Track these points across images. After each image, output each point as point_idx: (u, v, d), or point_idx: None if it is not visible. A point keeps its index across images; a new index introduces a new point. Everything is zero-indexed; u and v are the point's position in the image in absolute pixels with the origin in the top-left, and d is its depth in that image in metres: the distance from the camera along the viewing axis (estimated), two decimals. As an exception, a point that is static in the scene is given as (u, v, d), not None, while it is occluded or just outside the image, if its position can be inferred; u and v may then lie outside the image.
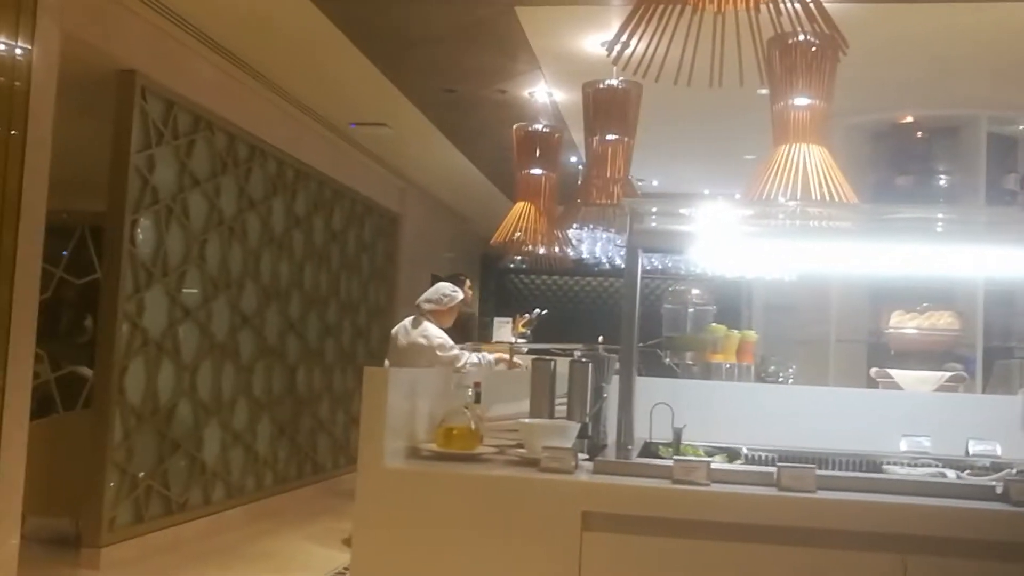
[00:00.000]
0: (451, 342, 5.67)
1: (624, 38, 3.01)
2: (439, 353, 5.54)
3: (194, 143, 5.80)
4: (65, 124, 4.13)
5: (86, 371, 8.02)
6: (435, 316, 5.77)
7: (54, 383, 6.36)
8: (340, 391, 8.34)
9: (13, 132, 3.47)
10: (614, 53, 3.07)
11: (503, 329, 6.58)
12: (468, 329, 7.99)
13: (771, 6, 2.82)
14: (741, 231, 2.76)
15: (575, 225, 5.96)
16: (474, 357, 5.62)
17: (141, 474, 5.34)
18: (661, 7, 2.89)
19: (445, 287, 5.91)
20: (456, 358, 5.52)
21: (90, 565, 4.96)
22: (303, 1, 4.99)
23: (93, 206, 5.63)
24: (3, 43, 3.51)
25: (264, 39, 5.67)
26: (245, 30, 5.52)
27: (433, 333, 5.65)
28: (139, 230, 5.28)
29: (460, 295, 5.94)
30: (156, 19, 5.18)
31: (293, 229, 7.29)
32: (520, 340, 6.35)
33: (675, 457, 2.58)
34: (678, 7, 2.86)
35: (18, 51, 3.55)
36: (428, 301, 5.80)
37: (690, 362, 3.75)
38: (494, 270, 14.05)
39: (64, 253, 6.80)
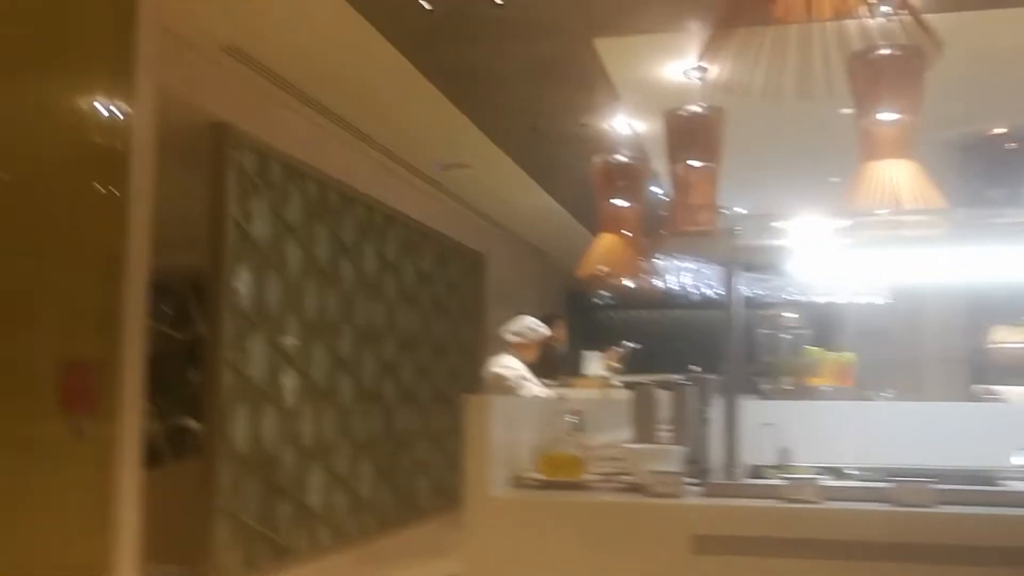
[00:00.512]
0: (521, 373, 5.70)
1: (705, 62, 3.03)
2: (506, 384, 5.61)
3: (287, 193, 5.98)
4: (159, 179, 4.30)
5: (192, 423, 8.28)
6: (517, 349, 5.83)
7: (162, 435, 6.57)
8: (436, 431, 8.42)
9: (115, 192, 3.60)
10: (697, 78, 3.08)
11: (593, 363, 6.58)
12: (554, 365, 8.00)
13: (861, 17, 2.80)
14: (836, 244, 2.73)
15: (662, 256, 5.93)
16: (536, 390, 5.65)
17: (247, 521, 5.46)
18: (742, 28, 2.90)
19: (529, 320, 5.96)
20: (517, 387, 5.56)
21: (203, 610, 5.08)
22: (388, 49, 5.12)
23: (192, 261, 5.83)
24: (102, 104, 3.67)
25: (351, 89, 5.83)
26: (333, 81, 5.69)
27: (508, 364, 5.71)
28: (239, 280, 5.45)
29: (543, 330, 5.98)
30: (246, 73, 5.37)
31: (384, 272, 7.43)
32: (611, 375, 6.34)
33: (786, 476, 2.55)
34: (759, 26, 2.86)
35: (116, 111, 3.70)
36: (511, 333, 5.86)
37: (789, 387, 3.70)
38: (579, 306, 14.04)
39: (165, 309, 7.04)
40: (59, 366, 3.21)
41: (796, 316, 3.96)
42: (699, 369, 3.04)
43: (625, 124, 6.45)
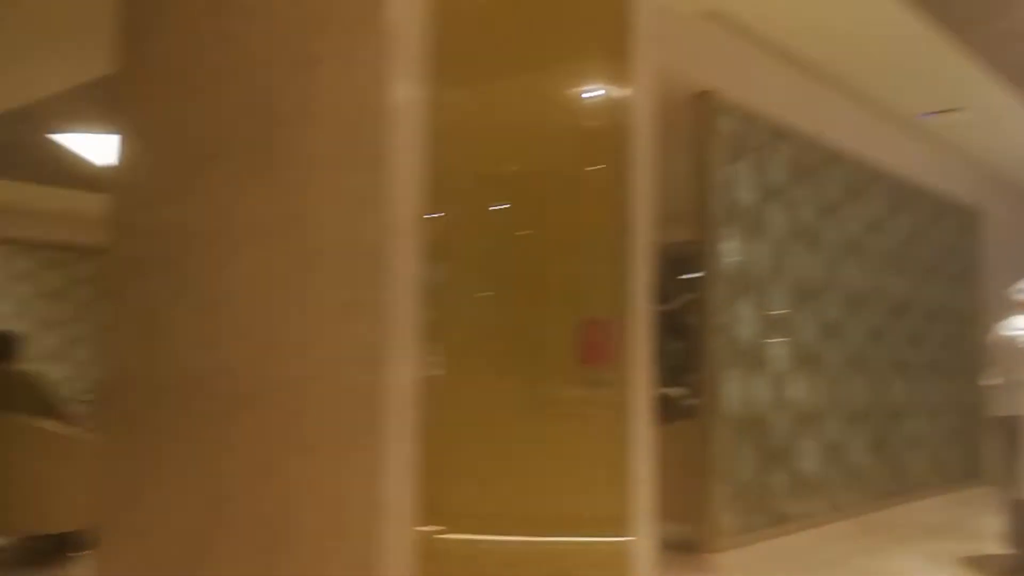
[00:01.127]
0: None
1: None
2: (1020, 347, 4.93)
3: (769, 156, 5.86)
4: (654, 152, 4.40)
5: (676, 392, 8.52)
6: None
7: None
8: (931, 403, 7.79)
9: (617, 169, 3.73)
10: None
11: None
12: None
13: None
14: None
15: None
16: None
17: (742, 485, 5.47)
18: None
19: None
20: None
21: (705, 569, 5.17)
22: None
23: (671, 234, 5.94)
24: (599, 87, 3.83)
25: (835, 40, 5.56)
26: (815, 35, 5.46)
27: (1021, 326, 5.04)
28: (725, 246, 5.46)
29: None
30: (728, 37, 5.33)
31: (870, 233, 7.02)
32: None
33: None
34: None
35: (613, 92, 3.84)
36: (1020, 291, 5.19)
37: None
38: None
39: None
40: (578, 323, 3.40)
41: None
42: None
43: None
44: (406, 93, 2.79)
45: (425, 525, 2.76)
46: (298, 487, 2.88)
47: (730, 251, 5.51)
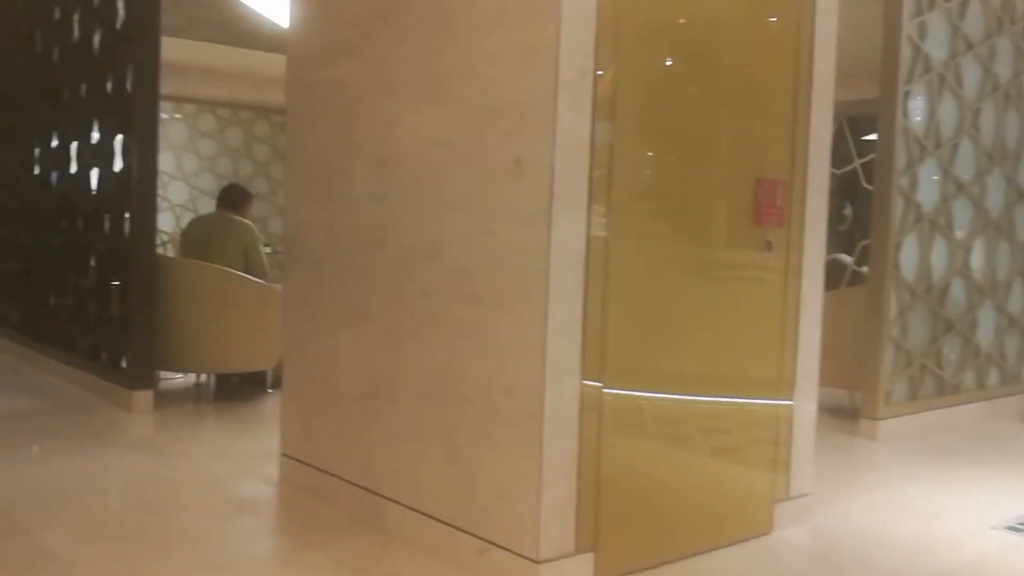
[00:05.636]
0: None
1: None
2: None
3: (967, 4, 5.41)
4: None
5: (846, 258, 8.26)
6: None
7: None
8: None
9: (797, 24, 3.55)
10: None
11: None
12: None
13: None
14: None
15: None
16: None
17: (913, 353, 5.32)
18: None
19: None
20: None
21: (867, 435, 5.11)
22: None
23: (850, 95, 5.63)
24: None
25: None
26: None
27: None
28: (911, 102, 5.15)
29: None
30: None
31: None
32: None
33: None
34: None
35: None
36: None
37: None
38: None
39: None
40: (750, 184, 3.33)
41: None
42: None
43: None
44: (576, -57, 2.72)
45: (589, 379, 2.84)
46: (466, 337, 3.01)
47: (915, 110, 5.20)
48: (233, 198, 6.19)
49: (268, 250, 12.12)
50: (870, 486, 4.26)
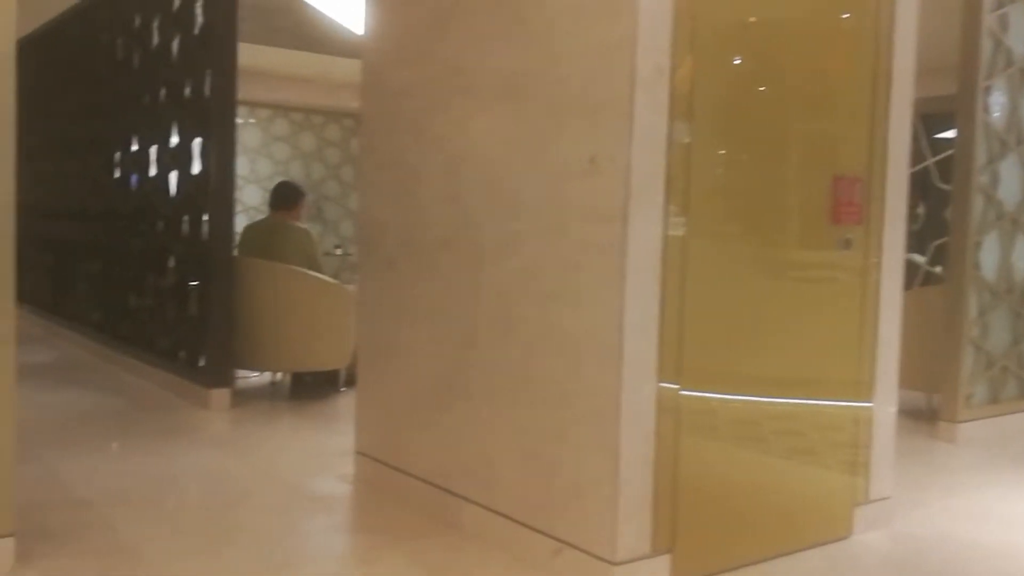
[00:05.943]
0: None
1: None
2: None
3: (1049, -3, 5.26)
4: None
5: (918, 258, 8.05)
6: None
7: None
8: None
9: (875, 22, 3.49)
10: None
11: None
12: None
13: None
14: None
15: None
16: None
17: (993, 355, 5.17)
18: None
19: None
20: None
21: (946, 439, 4.99)
22: None
23: (923, 92, 5.48)
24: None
25: None
26: None
27: None
28: (991, 98, 5.01)
29: None
30: None
31: None
32: None
33: None
34: None
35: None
36: None
37: None
38: None
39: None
40: (827, 183, 3.28)
41: None
42: None
43: None
44: (652, -59, 2.71)
45: (664, 380, 2.83)
46: (540, 337, 3.01)
47: (996, 105, 5.06)
48: (286, 197, 6.17)
49: (340, 252, 12.26)
50: (950, 491, 4.16)
